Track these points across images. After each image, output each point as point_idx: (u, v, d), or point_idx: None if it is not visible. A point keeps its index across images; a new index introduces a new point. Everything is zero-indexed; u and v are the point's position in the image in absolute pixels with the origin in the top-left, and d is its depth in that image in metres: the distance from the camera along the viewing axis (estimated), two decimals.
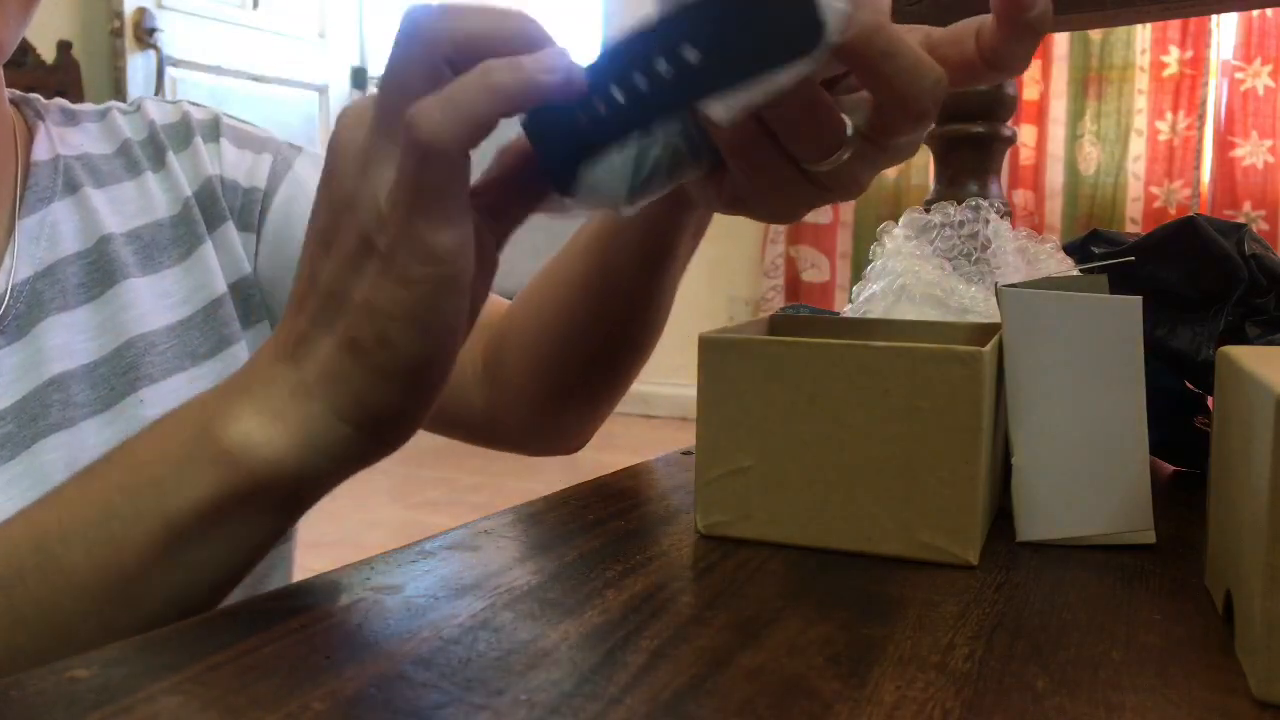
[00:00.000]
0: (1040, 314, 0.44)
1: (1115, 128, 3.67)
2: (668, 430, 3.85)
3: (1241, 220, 1.65)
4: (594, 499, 0.50)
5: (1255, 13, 3.36)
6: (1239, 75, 3.48)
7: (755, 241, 4.19)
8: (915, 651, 0.33)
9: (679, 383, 3.96)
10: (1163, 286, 0.56)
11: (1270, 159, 3.47)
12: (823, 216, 4.07)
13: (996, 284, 0.46)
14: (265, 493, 0.36)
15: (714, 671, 0.31)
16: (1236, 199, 3.50)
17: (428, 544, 0.42)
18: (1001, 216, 0.60)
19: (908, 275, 0.56)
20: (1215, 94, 3.53)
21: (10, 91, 0.60)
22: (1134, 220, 3.63)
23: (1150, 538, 0.44)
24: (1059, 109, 3.74)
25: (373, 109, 0.35)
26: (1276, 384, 0.30)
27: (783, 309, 0.65)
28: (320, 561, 0.48)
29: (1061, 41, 3.68)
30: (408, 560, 0.40)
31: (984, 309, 0.55)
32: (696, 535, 0.45)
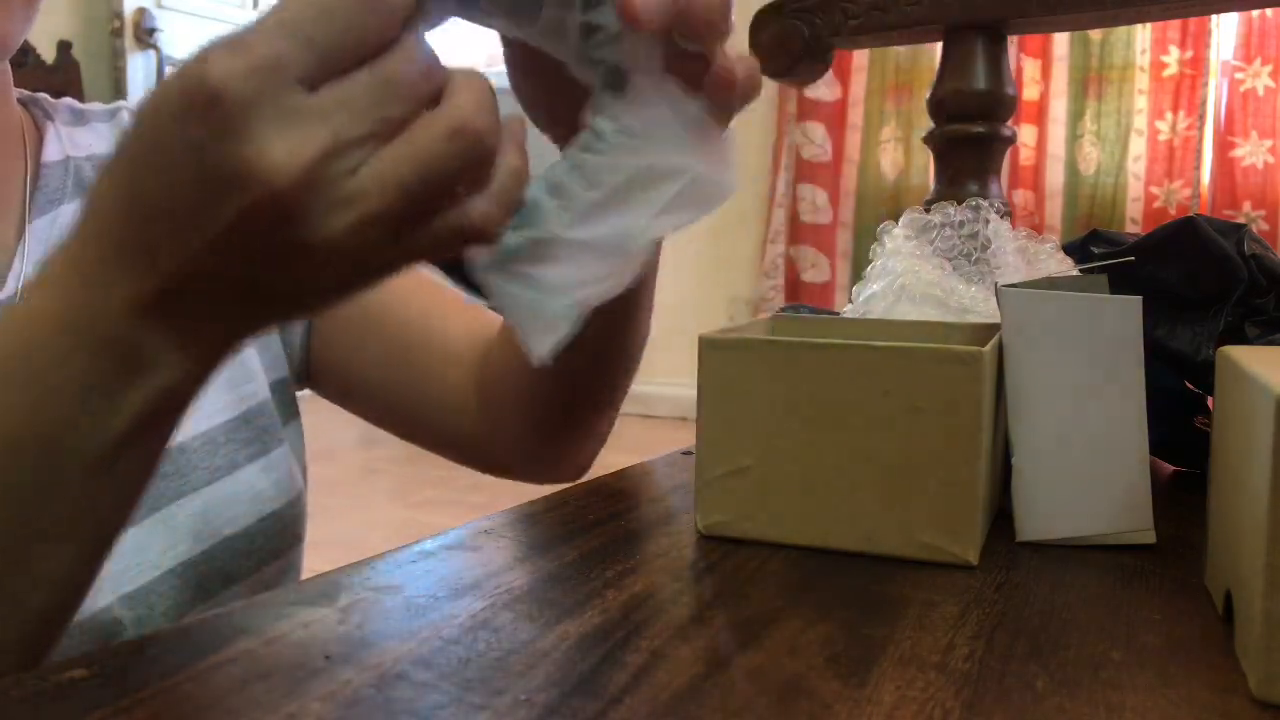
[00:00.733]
0: (1040, 314, 0.44)
1: (1115, 128, 3.67)
2: (668, 430, 3.84)
3: (1241, 220, 1.65)
4: (594, 499, 0.50)
5: (1255, 13, 3.36)
6: (1239, 75, 3.48)
7: (755, 241, 4.19)
8: (915, 651, 0.33)
9: (679, 383, 3.95)
10: (1162, 287, 0.56)
11: (1270, 159, 3.47)
12: (823, 216, 4.07)
13: (996, 284, 0.46)
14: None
15: (714, 672, 0.31)
16: (1236, 199, 3.50)
17: (428, 544, 0.42)
18: (1001, 216, 0.60)
19: (908, 275, 0.56)
20: (1215, 94, 3.53)
21: (18, 91, 0.60)
22: (1134, 220, 3.63)
23: (1150, 538, 0.44)
24: (1059, 109, 3.73)
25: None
26: (1276, 384, 0.30)
27: (783, 309, 0.65)
28: (320, 561, 0.48)
29: (1061, 41, 3.68)
30: (408, 560, 0.40)
31: (984, 309, 0.55)
32: (696, 535, 0.45)
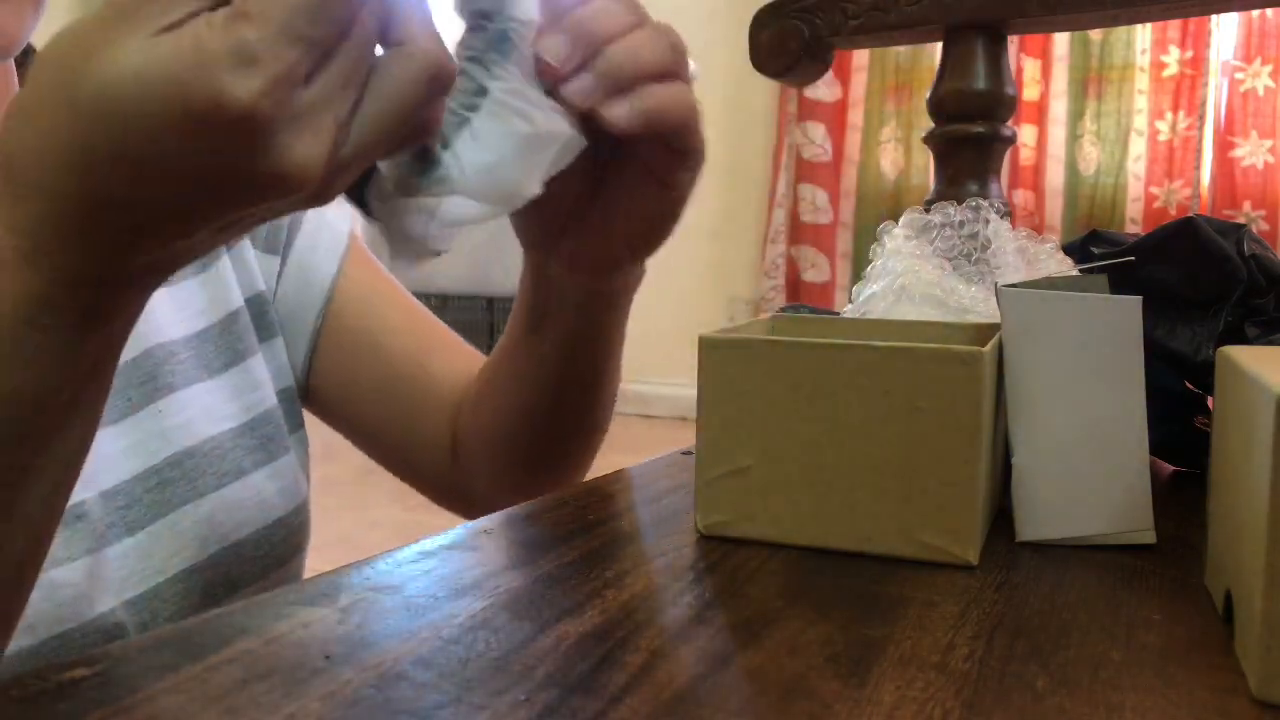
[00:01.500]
0: (1040, 314, 0.44)
1: (1115, 128, 3.67)
2: (668, 430, 3.84)
3: (1241, 220, 1.65)
4: (593, 499, 0.50)
5: (1255, 13, 3.36)
6: (1239, 75, 3.48)
7: (755, 242, 4.19)
8: (915, 651, 0.33)
9: (679, 383, 3.96)
10: (1162, 287, 0.56)
11: (1270, 159, 3.47)
12: (823, 216, 4.07)
13: (996, 284, 0.46)
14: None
15: (714, 671, 0.31)
16: (1236, 199, 3.50)
17: (427, 544, 0.42)
18: (1001, 216, 0.60)
19: (908, 275, 0.56)
20: (1215, 94, 3.53)
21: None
22: (1134, 220, 3.63)
23: (1150, 538, 0.44)
24: (1059, 109, 3.74)
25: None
26: (1276, 384, 0.30)
27: (783, 309, 0.65)
28: (320, 561, 0.48)
29: (1061, 41, 3.68)
30: (407, 560, 0.40)
31: (984, 309, 0.54)
32: (696, 535, 0.45)
